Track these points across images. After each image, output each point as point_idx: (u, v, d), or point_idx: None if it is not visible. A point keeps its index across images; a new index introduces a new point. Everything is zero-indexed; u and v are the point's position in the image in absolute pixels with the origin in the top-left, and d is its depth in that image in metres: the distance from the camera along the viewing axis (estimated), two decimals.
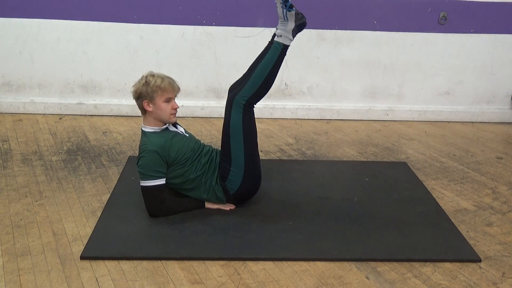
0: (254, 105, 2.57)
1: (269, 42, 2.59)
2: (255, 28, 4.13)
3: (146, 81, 2.44)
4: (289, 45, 2.53)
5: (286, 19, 2.50)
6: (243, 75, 2.63)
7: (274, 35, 2.55)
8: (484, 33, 4.26)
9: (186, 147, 2.54)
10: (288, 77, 4.31)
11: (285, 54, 2.53)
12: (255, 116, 2.64)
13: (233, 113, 2.51)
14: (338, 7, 4.13)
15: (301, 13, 2.54)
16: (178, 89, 2.54)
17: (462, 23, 4.22)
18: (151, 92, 2.43)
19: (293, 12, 2.48)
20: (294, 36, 2.54)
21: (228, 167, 2.55)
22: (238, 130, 2.51)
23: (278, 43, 2.51)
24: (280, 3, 2.45)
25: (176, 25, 4.09)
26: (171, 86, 2.48)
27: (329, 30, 4.19)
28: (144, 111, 2.51)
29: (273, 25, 4.09)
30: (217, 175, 2.59)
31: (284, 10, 2.47)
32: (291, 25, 2.51)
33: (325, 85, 4.38)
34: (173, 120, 2.57)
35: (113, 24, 4.07)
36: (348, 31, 4.20)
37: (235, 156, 2.53)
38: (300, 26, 2.55)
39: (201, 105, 4.31)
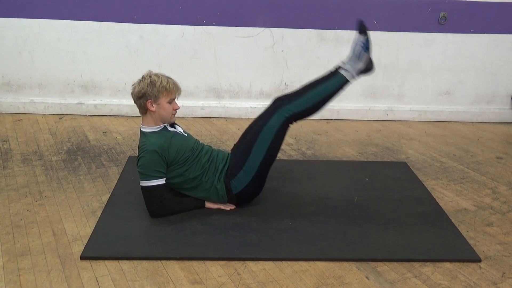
0: (293, 123, 2.59)
1: (332, 70, 2.62)
2: (255, 28, 4.13)
3: (151, 81, 2.44)
4: (350, 82, 2.59)
5: (359, 58, 2.53)
6: (296, 90, 2.64)
7: (339, 67, 2.59)
8: (484, 33, 4.26)
9: (185, 147, 2.54)
10: (288, 77, 4.31)
11: (343, 89, 2.59)
12: (256, 116, 2.64)
13: (273, 120, 2.54)
14: (338, 7, 4.13)
15: (371, 60, 2.58)
16: (181, 91, 2.56)
17: (462, 23, 4.22)
18: (157, 92, 2.44)
19: (368, 55, 2.51)
20: (358, 76, 2.59)
21: (240, 167, 2.55)
22: (268, 137, 2.53)
23: (343, 76, 2.56)
24: (362, 43, 2.49)
25: (176, 25, 4.09)
26: (175, 87, 2.50)
27: (329, 30, 4.19)
28: (144, 111, 2.51)
29: (273, 25, 4.14)
30: (219, 174, 2.59)
31: (362, 50, 2.52)
32: (361, 65, 2.58)
33: None
34: (173, 119, 2.58)
35: (113, 24, 4.07)
36: (348, 31, 4.20)
37: (251, 160, 2.54)
38: (366, 71, 2.61)
39: (201, 105, 4.31)
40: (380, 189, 2.96)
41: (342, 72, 2.56)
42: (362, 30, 2.58)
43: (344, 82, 2.56)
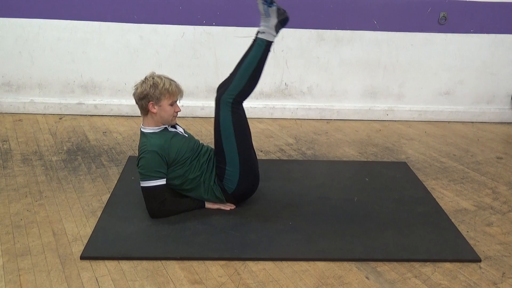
0: (242, 103, 2.56)
1: (253, 39, 2.58)
2: (255, 28, 4.10)
3: (154, 83, 2.44)
4: (273, 41, 2.53)
5: (268, 15, 2.50)
6: (230, 74, 2.63)
7: (258, 32, 2.54)
8: (484, 33, 4.26)
9: (186, 147, 2.54)
10: (288, 77, 4.31)
11: (269, 51, 2.52)
12: (256, 116, 2.64)
13: (222, 112, 2.52)
14: (338, 7, 4.13)
15: (283, 8, 2.52)
16: (183, 93, 2.56)
17: (462, 23, 4.22)
18: (159, 94, 2.44)
19: (274, 8, 2.47)
20: (277, 31, 2.54)
21: (224, 166, 2.55)
22: (229, 128, 2.51)
23: (261, 39, 2.51)
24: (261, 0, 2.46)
25: (176, 25, 4.09)
26: (178, 89, 2.50)
27: (329, 30, 4.19)
28: (146, 112, 2.50)
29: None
30: (214, 175, 2.59)
31: (265, 6, 2.47)
32: (274, 21, 2.51)
33: (325, 85, 4.38)
34: (174, 121, 2.59)
35: (113, 24, 4.07)
36: (348, 31, 4.20)
37: (229, 155, 2.53)
38: (283, 22, 2.55)
39: (201, 105, 4.31)
40: (380, 189, 2.96)
41: (260, 35, 2.53)
42: None
43: (266, 44, 2.50)
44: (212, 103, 4.27)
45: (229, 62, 4.20)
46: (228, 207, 2.63)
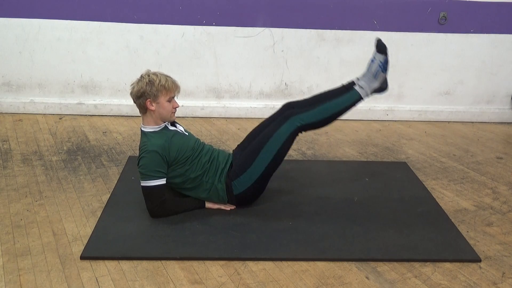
0: (301, 132, 2.61)
1: (345, 84, 2.62)
2: (255, 28, 4.13)
3: (149, 80, 2.44)
4: (363, 99, 2.58)
5: (376, 77, 2.52)
6: (307, 99, 2.65)
7: (353, 82, 2.59)
8: (484, 33, 4.26)
9: (186, 146, 2.54)
10: (288, 77, 4.31)
11: (356, 106, 2.60)
12: (256, 116, 2.65)
13: (284, 127, 2.55)
14: (338, 7, 4.13)
15: (387, 79, 2.57)
16: (180, 89, 2.55)
17: (462, 23, 4.22)
18: (156, 91, 2.44)
19: (384, 75, 2.50)
20: (371, 94, 2.59)
21: (244, 169, 2.55)
22: (277, 144, 2.54)
23: (358, 93, 2.56)
24: (380, 62, 2.47)
25: (176, 25, 4.09)
26: (174, 85, 2.50)
27: (329, 30, 4.19)
28: (144, 110, 2.50)
29: (273, 25, 4.14)
30: (220, 174, 2.59)
31: (379, 70, 2.50)
32: (376, 84, 2.57)
33: (325, 85, 4.33)
34: (173, 118, 2.58)
35: (113, 24, 4.07)
36: (348, 31, 4.20)
37: (256, 164, 2.54)
38: (380, 90, 2.60)
39: (201, 105, 4.31)
40: (380, 189, 2.96)
41: (357, 88, 2.57)
42: (381, 49, 2.55)
43: (358, 99, 2.57)
44: (212, 103, 4.32)
45: (229, 62, 4.25)
46: (229, 207, 2.63)
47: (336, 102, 2.56)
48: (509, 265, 2.27)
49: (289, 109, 2.62)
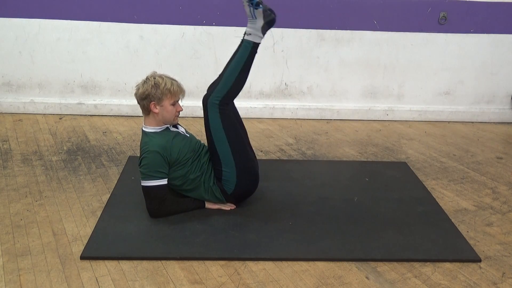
0: (229, 104, 2.55)
1: (240, 41, 2.57)
2: None
3: (155, 83, 2.43)
4: (259, 43, 2.52)
5: (254, 17, 2.49)
6: (219, 75, 2.63)
7: (245, 33, 2.53)
8: (484, 33, 4.26)
9: (187, 148, 2.54)
10: (288, 77, 4.31)
11: (256, 52, 2.52)
12: (256, 116, 2.64)
13: (210, 114, 2.52)
14: (338, 7, 4.13)
15: (269, 9, 2.51)
16: (185, 93, 2.55)
17: (462, 23, 4.22)
18: (161, 94, 2.43)
19: (260, 10, 2.46)
20: (264, 33, 2.52)
21: (220, 168, 2.56)
22: (219, 130, 2.52)
23: (247, 41, 2.50)
24: (246, 1, 2.45)
25: (176, 25, 4.09)
26: (180, 89, 2.50)
27: (329, 30, 4.19)
28: (147, 112, 2.50)
29: (274, 25, 4.13)
30: (213, 176, 2.59)
31: (251, 8, 2.46)
32: (260, 22, 2.50)
33: (325, 85, 4.38)
34: (176, 121, 2.59)
35: (113, 24, 4.07)
36: (348, 31, 4.20)
37: (223, 156, 2.53)
38: (269, 23, 2.53)
39: (201, 105, 4.30)
40: (380, 189, 2.96)
41: (247, 37, 2.52)
42: None
43: (252, 46, 2.50)
44: None
45: None
46: (229, 207, 2.63)
47: (235, 62, 2.52)
48: (509, 265, 2.27)
49: (205, 95, 2.60)
